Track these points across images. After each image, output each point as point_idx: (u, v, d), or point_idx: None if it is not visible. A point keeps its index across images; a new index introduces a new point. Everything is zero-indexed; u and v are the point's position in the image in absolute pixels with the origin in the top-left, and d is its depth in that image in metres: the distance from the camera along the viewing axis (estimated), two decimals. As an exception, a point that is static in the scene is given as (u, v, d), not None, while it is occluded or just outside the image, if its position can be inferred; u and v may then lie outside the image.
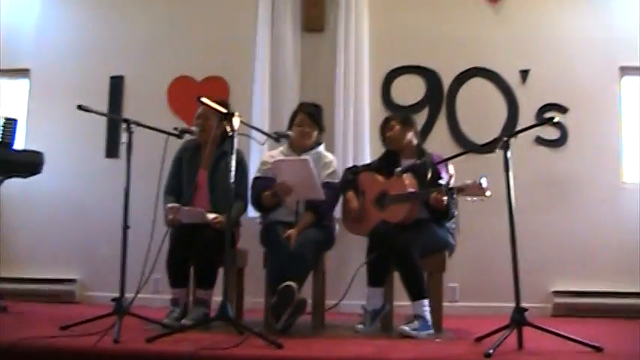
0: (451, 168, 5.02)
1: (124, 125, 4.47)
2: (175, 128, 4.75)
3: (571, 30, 6.71)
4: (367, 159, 6.07)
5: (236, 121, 4.23)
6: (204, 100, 4.22)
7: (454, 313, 5.89)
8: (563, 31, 6.71)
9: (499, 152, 4.14)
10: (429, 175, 4.81)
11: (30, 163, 5.59)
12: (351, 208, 5.10)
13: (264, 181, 5.10)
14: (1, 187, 5.60)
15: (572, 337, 3.90)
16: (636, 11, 6.67)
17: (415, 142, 5.17)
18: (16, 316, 5.14)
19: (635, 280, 6.24)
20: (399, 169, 4.83)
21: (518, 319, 3.89)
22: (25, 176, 5.66)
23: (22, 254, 6.52)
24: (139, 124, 4.48)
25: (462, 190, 4.47)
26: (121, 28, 7.03)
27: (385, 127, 5.18)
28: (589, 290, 6.30)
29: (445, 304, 5.09)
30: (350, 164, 6.01)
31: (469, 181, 4.44)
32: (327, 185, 5.01)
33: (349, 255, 5.88)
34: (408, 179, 4.86)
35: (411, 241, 4.68)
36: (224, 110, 4.31)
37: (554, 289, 6.36)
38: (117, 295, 4.27)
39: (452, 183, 4.75)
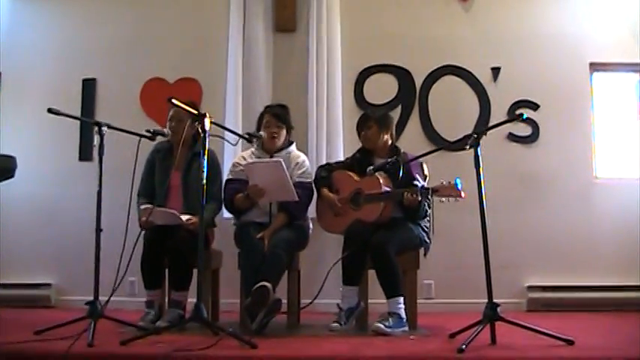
0: (426, 168, 5.06)
1: (95, 128, 4.45)
2: (148, 130, 4.76)
3: (541, 27, 6.76)
4: (341, 158, 6.06)
5: (207, 122, 4.24)
6: (175, 101, 4.22)
7: (430, 310, 5.90)
8: (533, 28, 6.77)
9: (471, 149, 4.18)
10: (400, 174, 4.83)
11: (2, 168, 5.51)
12: (330, 201, 5.11)
13: (236, 184, 5.10)
14: (-26, 193, 5.57)
15: (543, 330, 3.95)
16: (605, 7, 6.76)
17: (390, 141, 5.19)
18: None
19: (608, 273, 6.33)
20: (371, 167, 4.85)
21: (491, 314, 3.92)
22: (-3, 181, 5.61)
23: (-4, 259, 6.47)
24: (110, 127, 4.48)
25: (437, 190, 4.54)
26: (92, 30, 6.97)
27: (363, 124, 5.18)
28: (563, 285, 6.36)
29: (421, 301, 5.13)
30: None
31: (444, 182, 4.49)
32: (299, 185, 5.02)
33: (324, 254, 5.88)
34: (382, 178, 4.89)
35: (388, 239, 4.72)
36: (195, 111, 4.32)
37: (528, 284, 6.40)
38: (92, 298, 4.27)
39: (427, 184, 4.81)
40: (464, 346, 3.63)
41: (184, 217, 4.88)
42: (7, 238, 6.62)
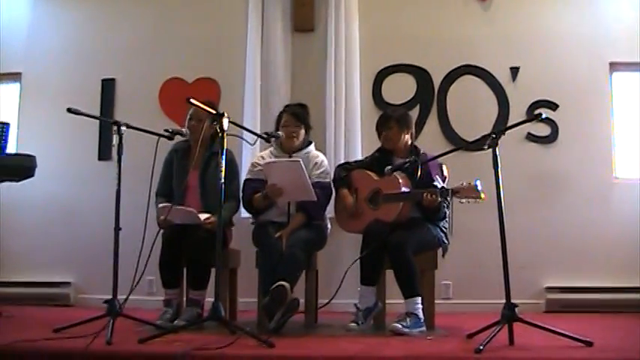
0: (445, 169, 5.04)
1: (114, 128, 4.48)
2: (166, 130, 4.77)
3: (560, 26, 6.73)
4: (359, 158, 6.04)
5: (225, 122, 4.25)
6: (193, 100, 4.23)
7: (448, 311, 5.90)
8: (552, 27, 6.73)
9: (489, 149, 4.16)
10: (419, 174, 4.82)
11: (22, 167, 5.57)
12: (346, 204, 5.10)
13: (255, 183, 5.11)
14: (-5, 191, 5.62)
15: (562, 331, 3.91)
16: (624, 7, 6.71)
17: (410, 141, 5.18)
18: (10, 319, 5.13)
19: (627, 275, 6.27)
20: (389, 167, 4.84)
21: (509, 315, 3.90)
22: (17, 180, 5.64)
23: (16, 258, 6.52)
24: (128, 126, 4.49)
25: (456, 192, 4.52)
26: (111, 30, 7.03)
27: (383, 124, 5.15)
28: (581, 286, 6.32)
29: (439, 301, 5.14)
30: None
31: (465, 183, 4.47)
32: (318, 185, 5.02)
33: (341, 254, 5.89)
34: (401, 178, 4.88)
35: (406, 239, 4.71)
36: (213, 111, 4.33)
37: (546, 285, 6.38)
38: (111, 297, 4.29)
39: (446, 184, 4.79)
40: (481, 347, 3.61)
41: (202, 217, 4.90)
42: (27, 236, 6.70)
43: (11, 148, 6.22)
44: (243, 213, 5.51)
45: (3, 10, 7.12)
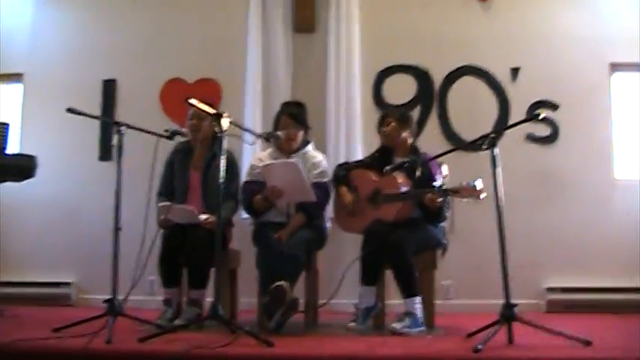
0: (445, 168, 5.04)
1: (114, 128, 4.49)
2: (166, 130, 4.77)
3: (561, 26, 6.72)
4: (359, 158, 6.03)
5: (225, 122, 4.25)
6: (192, 101, 4.24)
7: (448, 311, 5.89)
8: (553, 27, 6.73)
9: (489, 150, 4.17)
10: (418, 174, 4.82)
11: (23, 167, 5.59)
12: (346, 202, 5.11)
13: (254, 186, 5.11)
14: (-5, 192, 5.63)
15: (560, 331, 3.92)
16: (625, 7, 6.71)
17: (410, 140, 5.18)
18: (10, 319, 5.15)
19: (628, 275, 6.27)
20: (388, 167, 4.84)
21: (508, 314, 3.91)
22: (18, 180, 5.65)
23: (17, 258, 6.51)
24: (129, 127, 4.51)
25: (456, 192, 4.51)
26: (113, 31, 7.03)
27: (382, 122, 5.17)
28: (582, 286, 6.32)
29: (439, 301, 5.14)
30: (341, 163, 5.98)
31: (464, 183, 4.47)
32: (316, 185, 5.02)
33: (341, 254, 5.90)
34: (401, 178, 4.89)
35: (405, 239, 4.72)
36: (213, 111, 4.33)
37: (547, 286, 6.37)
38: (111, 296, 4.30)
39: (446, 184, 4.79)
40: (480, 346, 3.62)
41: (202, 217, 4.91)
42: (28, 236, 6.71)
43: (14, 149, 6.25)
44: (244, 214, 5.51)
45: (5, 12, 7.13)
